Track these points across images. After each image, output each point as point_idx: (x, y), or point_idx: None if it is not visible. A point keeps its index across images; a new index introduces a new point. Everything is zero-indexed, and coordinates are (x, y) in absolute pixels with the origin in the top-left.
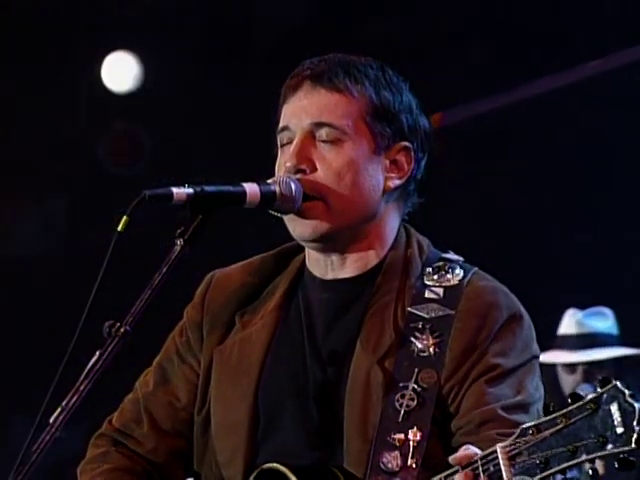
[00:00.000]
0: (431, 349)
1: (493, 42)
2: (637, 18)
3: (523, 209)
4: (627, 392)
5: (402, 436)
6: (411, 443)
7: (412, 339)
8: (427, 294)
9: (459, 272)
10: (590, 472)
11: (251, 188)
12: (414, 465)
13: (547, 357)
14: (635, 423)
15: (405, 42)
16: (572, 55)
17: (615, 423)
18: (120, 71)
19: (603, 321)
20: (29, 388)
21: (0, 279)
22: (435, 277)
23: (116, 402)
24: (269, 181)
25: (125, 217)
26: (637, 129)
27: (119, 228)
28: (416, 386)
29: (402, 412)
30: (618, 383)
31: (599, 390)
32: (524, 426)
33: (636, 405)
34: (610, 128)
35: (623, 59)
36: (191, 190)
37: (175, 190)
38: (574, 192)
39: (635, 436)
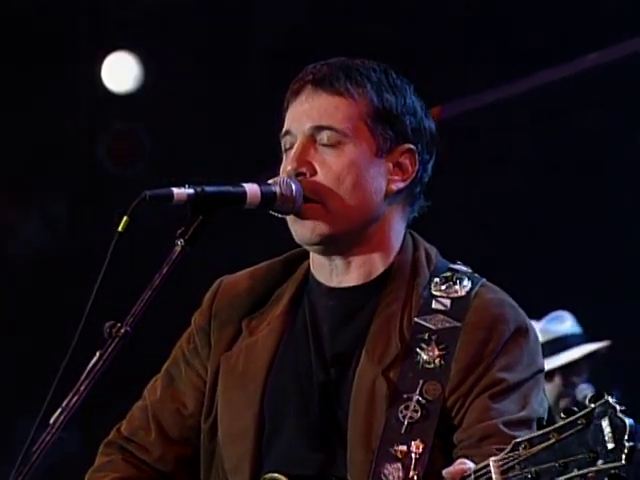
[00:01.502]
0: (437, 361)
1: (492, 37)
2: (635, 10)
3: (521, 208)
4: (618, 408)
5: (404, 448)
6: (413, 455)
7: (418, 350)
8: (434, 305)
9: (467, 283)
10: None
11: (251, 188)
12: (415, 477)
13: None
14: (625, 439)
15: (405, 42)
16: (571, 48)
17: (606, 438)
18: (120, 71)
19: (564, 323)
20: (32, 389)
21: (0, 279)
22: (443, 288)
23: (113, 405)
24: (269, 182)
25: (125, 217)
26: (637, 123)
27: (119, 228)
28: (420, 398)
29: (405, 424)
30: (610, 398)
31: (591, 405)
32: (516, 440)
33: (627, 421)
34: (611, 123)
35: (622, 51)
36: (191, 190)
37: (175, 190)
38: (572, 192)
39: (625, 452)
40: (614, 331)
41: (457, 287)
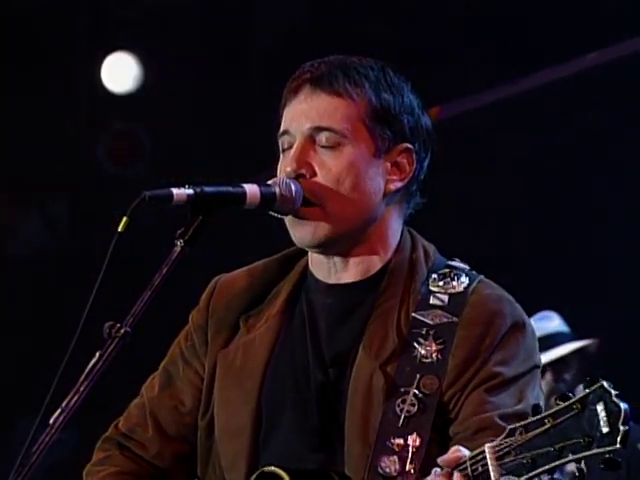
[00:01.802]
0: (434, 355)
1: (492, 37)
2: (635, 10)
3: (521, 208)
4: (613, 392)
5: (401, 441)
6: (410, 448)
7: (415, 345)
8: (432, 300)
9: (464, 280)
10: (577, 472)
11: (251, 189)
12: (412, 471)
13: None
14: (620, 423)
15: (405, 42)
16: (571, 48)
17: (601, 423)
18: (120, 71)
19: (552, 322)
20: (32, 389)
21: (0, 279)
22: (440, 284)
23: (112, 405)
24: (269, 182)
25: (125, 218)
26: (637, 122)
27: (119, 229)
28: (417, 392)
29: (402, 417)
30: (604, 383)
31: (586, 390)
32: (512, 426)
33: (622, 405)
34: (611, 123)
35: (622, 51)
36: (191, 191)
37: (175, 191)
38: (572, 192)
39: (620, 436)
40: (613, 331)
41: (455, 283)
